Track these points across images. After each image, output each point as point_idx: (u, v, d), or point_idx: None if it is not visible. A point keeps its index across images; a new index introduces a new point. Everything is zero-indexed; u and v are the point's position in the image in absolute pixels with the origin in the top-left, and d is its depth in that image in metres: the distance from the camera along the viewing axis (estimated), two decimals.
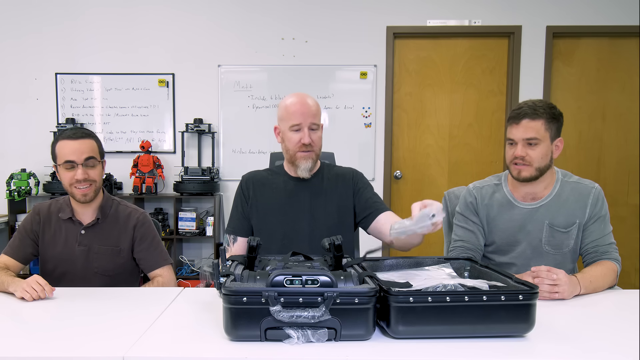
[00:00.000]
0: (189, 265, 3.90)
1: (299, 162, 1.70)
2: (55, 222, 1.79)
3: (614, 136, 3.92)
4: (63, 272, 1.76)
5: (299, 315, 1.04)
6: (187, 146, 3.92)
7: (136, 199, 3.73)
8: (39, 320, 1.31)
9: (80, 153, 1.68)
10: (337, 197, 1.77)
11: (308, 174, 1.72)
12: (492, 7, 3.82)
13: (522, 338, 1.11)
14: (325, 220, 1.74)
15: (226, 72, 3.91)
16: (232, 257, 1.33)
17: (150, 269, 1.81)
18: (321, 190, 1.77)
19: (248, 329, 1.06)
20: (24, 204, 3.86)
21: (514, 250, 1.76)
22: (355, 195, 1.79)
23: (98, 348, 1.08)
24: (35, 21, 3.88)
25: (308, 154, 1.69)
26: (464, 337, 1.10)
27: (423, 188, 4.00)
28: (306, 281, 1.07)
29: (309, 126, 1.66)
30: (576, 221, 1.71)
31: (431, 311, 1.08)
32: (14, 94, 3.92)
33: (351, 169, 1.87)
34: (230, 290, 1.05)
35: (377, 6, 3.84)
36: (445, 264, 1.41)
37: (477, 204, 1.81)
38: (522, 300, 1.08)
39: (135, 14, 3.88)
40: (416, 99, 3.96)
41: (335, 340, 1.07)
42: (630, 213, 3.93)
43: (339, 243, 1.27)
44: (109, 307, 1.39)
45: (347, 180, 1.80)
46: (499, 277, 1.25)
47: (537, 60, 3.84)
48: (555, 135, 1.68)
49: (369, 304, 1.07)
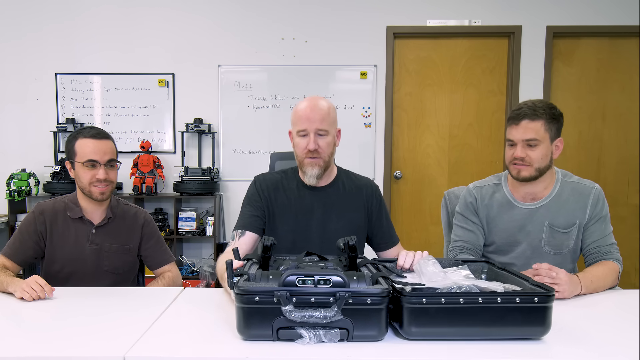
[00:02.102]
0: (189, 265, 3.90)
1: (305, 169, 1.65)
2: (62, 222, 1.77)
3: (614, 136, 3.92)
4: (71, 271, 1.76)
5: (311, 315, 1.03)
6: (187, 146, 3.92)
7: (136, 199, 3.73)
8: (38, 320, 1.31)
9: (103, 153, 1.72)
10: (350, 213, 1.73)
11: (315, 181, 1.67)
12: (492, 7, 3.82)
13: (538, 341, 1.10)
14: (336, 232, 1.67)
15: (226, 72, 3.91)
16: (247, 256, 1.33)
17: (157, 265, 1.86)
18: (335, 202, 1.72)
19: (260, 328, 1.06)
20: (24, 204, 3.86)
21: (514, 251, 1.76)
22: (371, 217, 1.75)
23: (98, 348, 1.08)
24: (35, 21, 3.88)
25: (314, 160, 1.63)
26: (478, 339, 1.09)
27: (423, 188, 4.00)
28: (318, 281, 1.06)
29: (315, 132, 1.60)
30: (576, 222, 1.70)
31: (444, 312, 1.07)
32: (14, 94, 3.92)
33: (369, 181, 1.82)
34: (243, 289, 1.05)
35: (377, 6, 3.84)
36: (462, 265, 1.41)
37: (477, 204, 1.81)
38: (538, 302, 1.07)
39: (135, 13, 3.88)
40: (416, 99, 3.96)
41: (348, 340, 1.06)
42: (630, 213, 3.93)
43: (354, 243, 1.26)
44: (109, 307, 1.39)
45: (364, 197, 1.75)
46: (515, 279, 1.23)
47: (537, 60, 3.84)
48: (555, 136, 1.68)
49: (381, 305, 1.06)
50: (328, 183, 1.73)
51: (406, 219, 4.03)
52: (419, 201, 4.01)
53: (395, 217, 4.01)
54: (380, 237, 1.78)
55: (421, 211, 4.01)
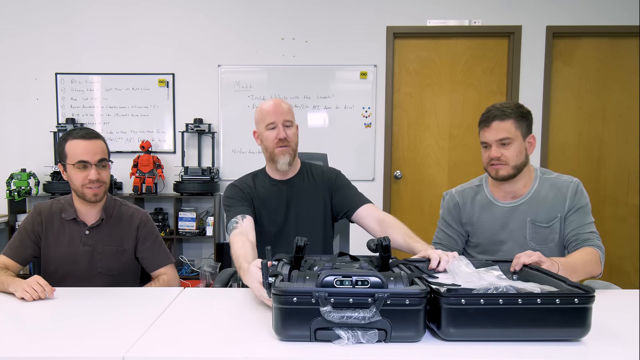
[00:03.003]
0: (189, 265, 3.90)
1: (277, 158, 1.80)
2: (58, 223, 1.78)
3: (614, 136, 3.91)
4: (65, 272, 1.76)
5: (349, 316, 1.03)
6: (187, 146, 3.92)
7: (136, 199, 3.73)
8: (38, 320, 1.31)
9: (93, 154, 1.70)
10: (318, 195, 1.87)
11: (287, 167, 1.81)
12: (492, 7, 3.82)
13: (577, 342, 1.09)
14: (307, 216, 1.85)
15: (226, 72, 3.91)
16: (278, 257, 1.33)
17: (153, 268, 1.83)
18: (302, 188, 1.87)
19: (298, 329, 1.06)
20: (24, 204, 3.86)
21: (501, 250, 1.80)
22: (334, 193, 1.89)
23: (98, 348, 1.08)
24: (35, 21, 3.88)
25: (285, 148, 1.79)
26: (517, 340, 1.08)
27: (423, 188, 4.00)
28: (356, 282, 1.06)
29: (282, 123, 1.78)
30: (557, 215, 1.74)
31: (483, 313, 1.06)
32: (14, 94, 3.92)
33: (332, 168, 1.98)
34: (281, 290, 1.05)
35: (377, 6, 3.84)
36: (494, 266, 1.40)
37: (460, 208, 1.87)
38: (578, 304, 1.06)
39: (135, 13, 3.88)
40: (416, 99, 3.96)
41: (385, 341, 1.06)
42: (630, 213, 3.93)
43: (387, 244, 1.26)
44: (109, 307, 1.39)
45: (327, 179, 1.90)
46: (551, 280, 1.22)
47: (537, 60, 3.84)
48: (527, 133, 1.73)
49: (419, 306, 1.05)
50: (295, 174, 1.89)
51: (406, 219, 3.98)
52: (419, 201, 4.01)
53: (395, 217, 4.01)
54: (344, 205, 1.86)
55: (421, 211, 4.01)
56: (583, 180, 1.83)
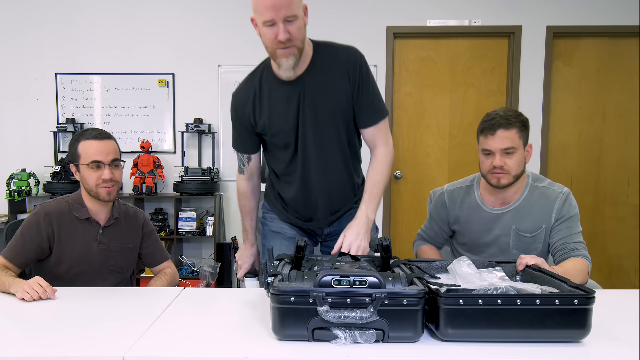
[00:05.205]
0: (189, 265, 3.90)
1: (279, 61, 1.52)
2: (69, 222, 1.76)
3: (614, 136, 3.91)
4: (79, 271, 1.75)
5: (346, 315, 1.03)
6: (187, 146, 3.92)
7: (136, 199, 3.73)
8: (39, 320, 1.31)
9: (106, 154, 1.73)
10: (335, 92, 1.59)
11: (291, 72, 1.53)
12: (492, 7, 3.82)
13: (577, 344, 1.08)
14: (326, 119, 1.59)
15: (226, 72, 3.91)
16: (280, 256, 1.34)
17: (156, 263, 1.92)
18: (315, 88, 1.57)
19: (296, 328, 1.06)
20: (24, 204, 3.86)
21: (486, 252, 1.82)
22: (355, 93, 1.59)
23: (98, 348, 1.08)
24: (35, 21, 3.88)
25: (288, 50, 1.49)
26: (516, 341, 1.07)
27: (423, 188, 4.00)
28: (354, 282, 1.06)
29: (283, 19, 1.43)
30: (542, 226, 1.74)
31: (482, 314, 1.05)
32: (14, 94, 3.92)
33: (351, 51, 1.64)
34: (278, 289, 1.05)
35: (377, 6, 3.84)
36: (497, 267, 1.40)
37: (447, 209, 1.88)
38: (578, 304, 1.05)
39: (135, 13, 3.88)
40: (416, 99, 3.96)
41: (383, 341, 1.06)
42: (630, 213, 3.93)
43: (387, 244, 1.26)
44: (109, 307, 1.39)
45: (345, 70, 1.59)
46: (552, 281, 1.22)
47: (537, 60, 3.84)
48: (526, 142, 1.73)
49: (417, 306, 1.05)
50: (305, 69, 1.58)
51: (406, 219, 4.03)
52: (419, 201, 4.01)
53: (396, 217, 4.02)
54: (362, 114, 1.62)
55: (421, 211, 4.00)
56: (583, 180, 1.83)
